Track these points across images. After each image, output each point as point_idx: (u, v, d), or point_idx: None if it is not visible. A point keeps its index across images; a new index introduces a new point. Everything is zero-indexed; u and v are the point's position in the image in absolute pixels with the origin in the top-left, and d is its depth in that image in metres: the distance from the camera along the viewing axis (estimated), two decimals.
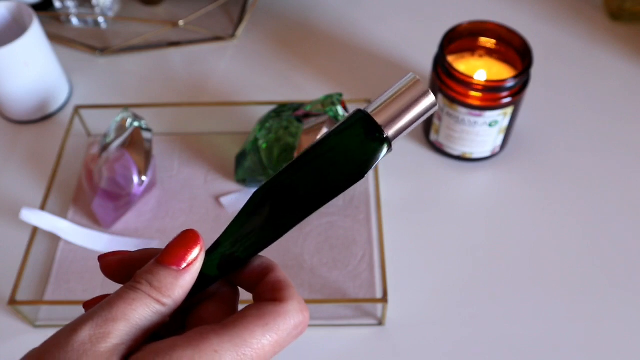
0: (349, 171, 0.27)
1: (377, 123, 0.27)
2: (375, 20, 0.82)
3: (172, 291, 0.25)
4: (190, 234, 0.26)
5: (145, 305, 0.24)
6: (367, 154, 0.27)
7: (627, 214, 0.61)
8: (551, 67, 0.74)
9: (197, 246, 0.26)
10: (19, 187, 0.65)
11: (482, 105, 0.58)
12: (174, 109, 0.68)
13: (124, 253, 0.28)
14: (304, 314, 0.26)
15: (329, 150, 0.27)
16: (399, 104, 0.27)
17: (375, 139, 0.27)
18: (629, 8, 0.78)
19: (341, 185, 0.27)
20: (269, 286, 0.26)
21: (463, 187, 0.64)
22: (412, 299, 0.55)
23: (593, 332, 0.53)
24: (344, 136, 0.27)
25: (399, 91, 0.27)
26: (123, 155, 0.60)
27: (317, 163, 0.27)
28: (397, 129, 0.27)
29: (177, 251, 0.26)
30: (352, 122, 0.27)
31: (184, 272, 0.25)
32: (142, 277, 0.25)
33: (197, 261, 0.26)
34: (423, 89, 0.27)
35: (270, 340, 0.24)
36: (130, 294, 0.24)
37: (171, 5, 0.84)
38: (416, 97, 0.27)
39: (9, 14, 0.69)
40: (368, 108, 0.28)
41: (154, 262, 0.25)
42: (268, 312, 0.25)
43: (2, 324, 0.55)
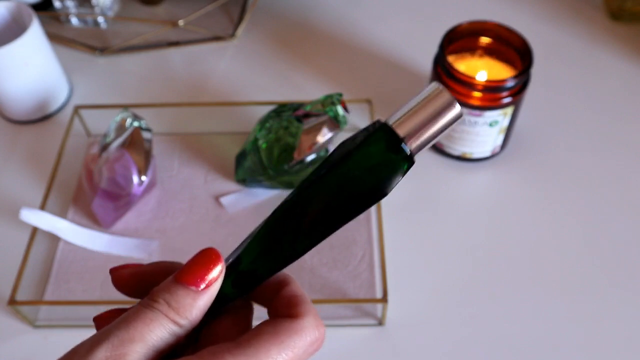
0: (371, 188, 0.25)
1: (398, 135, 0.25)
2: (375, 20, 0.81)
3: (190, 312, 0.24)
4: (211, 252, 0.25)
5: (162, 326, 0.24)
6: (388, 171, 0.25)
7: (627, 213, 0.61)
8: (551, 67, 0.74)
9: (218, 266, 0.25)
10: (19, 187, 0.65)
11: (482, 105, 0.58)
12: (174, 109, 0.68)
13: (135, 266, 0.27)
14: (319, 329, 0.25)
15: (348, 167, 0.25)
16: (423, 115, 0.26)
17: (398, 154, 0.25)
18: (629, 8, 0.78)
19: (362, 205, 0.26)
20: (284, 301, 0.26)
21: (463, 187, 0.64)
22: (412, 299, 0.55)
23: (593, 332, 0.53)
24: (363, 150, 0.25)
25: (423, 101, 0.26)
26: (123, 155, 0.60)
27: (337, 182, 0.25)
28: (420, 142, 0.26)
29: (197, 270, 0.25)
30: (372, 134, 0.26)
31: (202, 293, 0.24)
32: (159, 295, 0.24)
33: (217, 282, 0.25)
34: (449, 99, 0.25)
35: (285, 358, 0.24)
36: (147, 314, 0.24)
37: (171, 5, 0.84)
38: (441, 107, 0.25)
39: (8, 14, 0.69)
40: (389, 119, 0.26)
41: (172, 280, 0.25)
42: (283, 329, 0.24)
43: (2, 324, 0.55)
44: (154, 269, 0.27)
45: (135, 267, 0.27)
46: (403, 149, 0.25)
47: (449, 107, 0.25)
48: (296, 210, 0.26)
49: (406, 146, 0.25)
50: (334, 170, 0.26)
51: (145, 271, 0.27)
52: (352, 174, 0.25)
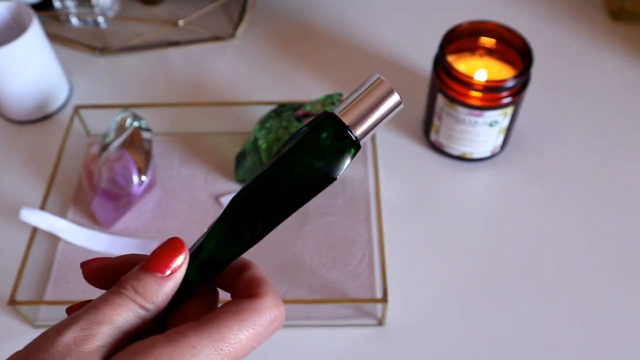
0: (321, 174, 0.28)
1: (344, 123, 0.28)
2: (375, 20, 0.81)
3: (156, 297, 0.26)
4: (175, 241, 0.27)
5: (129, 310, 0.25)
6: (337, 155, 0.28)
7: (627, 213, 0.61)
8: (551, 67, 0.74)
9: (182, 254, 0.27)
10: (19, 187, 0.65)
11: (482, 105, 0.58)
12: (174, 109, 0.68)
13: (105, 259, 0.28)
14: (279, 309, 0.26)
15: (299, 153, 0.28)
16: (365, 104, 0.28)
17: (344, 139, 0.28)
18: (629, 8, 0.78)
19: (315, 187, 0.28)
20: (245, 283, 0.27)
21: (463, 187, 0.64)
22: (412, 299, 0.55)
23: (594, 332, 0.53)
24: (312, 138, 0.28)
25: (365, 92, 0.28)
26: (123, 155, 0.60)
27: (290, 166, 0.27)
28: (364, 129, 0.28)
29: (162, 258, 0.26)
30: (320, 123, 0.28)
31: (167, 279, 0.26)
32: (127, 282, 0.26)
33: (181, 268, 0.27)
34: (388, 88, 0.28)
35: (247, 335, 0.25)
36: (115, 299, 0.25)
37: (171, 5, 0.84)
38: (381, 96, 0.28)
39: (8, 13, 0.69)
40: (335, 110, 0.28)
41: (139, 268, 0.26)
42: (244, 307, 0.26)
43: (2, 324, 0.55)
44: (123, 261, 0.28)
45: (104, 260, 0.28)
46: (349, 135, 0.28)
47: (388, 96, 0.28)
48: (252, 197, 0.28)
49: (352, 133, 0.28)
50: (287, 157, 0.28)
51: (114, 263, 0.28)
52: (303, 160, 0.27)
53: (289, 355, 0.53)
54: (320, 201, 0.62)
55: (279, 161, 0.28)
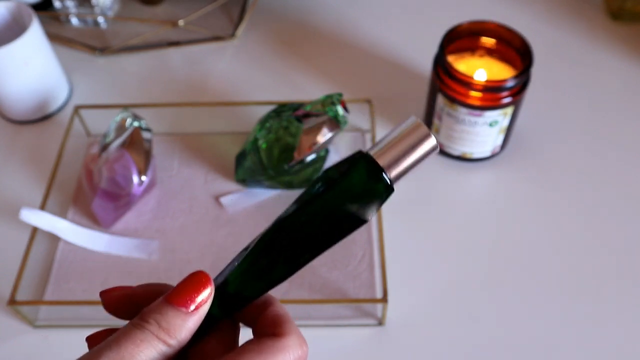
0: (354, 216, 0.27)
1: (379, 165, 0.27)
2: (376, 20, 0.81)
3: (179, 333, 0.25)
4: (201, 275, 0.26)
5: (152, 346, 0.24)
6: (370, 198, 0.27)
7: (627, 213, 0.61)
8: (551, 67, 0.74)
9: (207, 288, 0.26)
10: (19, 187, 0.65)
11: (482, 105, 0.58)
12: (174, 109, 0.68)
13: (126, 289, 0.28)
14: (303, 348, 0.26)
15: (333, 194, 0.27)
16: (401, 146, 0.27)
17: (378, 182, 0.27)
18: (629, 8, 0.78)
19: (346, 229, 0.28)
20: (268, 320, 0.27)
21: (463, 187, 0.64)
22: (412, 299, 0.55)
23: (595, 331, 0.53)
24: (347, 179, 0.27)
25: (402, 134, 0.28)
26: (123, 155, 0.60)
27: (323, 207, 0.27)
28: (399, 172, 0.28)
29: (187, 292, 0.25)
30: (355, 164, 0.27)
31: (192, 314, 0.25)
32: (150, 316, 0.25)
33: (206, 303, 0.26)
34: (425, 132, 0.27)
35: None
36: (138, 334, 0.24)
37: (171, 5, 0.84)
38: (418, 140, 0.27)
39: (8, 13, 0.69)
40: (370, 150, 0.28)
41: (163, 301, 0.25)
42: (267, 347, 0.25)
43: (2, 324, 0.55)
44: (144, 291, 0.28)
45: (125, 290, 0.28)
46: (383, 178, 0.27)
47: (425, 139, 0.28)
48: (282, 236, 0.27)
49: (386, 175, 0.27)
50: (319, 198, 0.27)
51: (135, 293, 0.28)
52: (335, 202, 0.27)
53: None
54: None
55: (312, 200, 0.27)
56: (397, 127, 0.28)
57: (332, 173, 0.28)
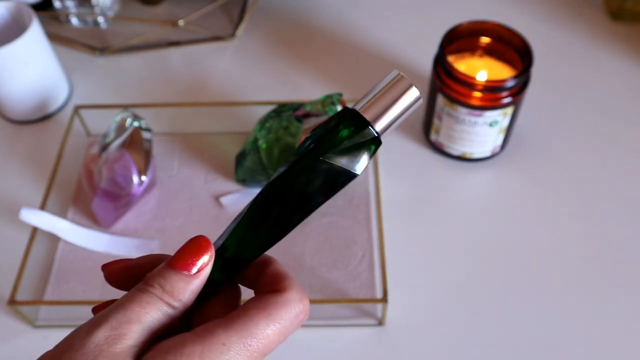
0: (344, 170, 0.28)
1: (366, 119, 0.28)
2: (375, 20, 0.81)
3: (183, 295, 0.26)
4: (201, 239, 0.27)
5: (157, 308, 0.25)
6: (359, 152, 0.28)
7: (627, 213, 0.61)
8: (551, 67, 0.74)
9: (208, 252, 0.26)
10: (19, 187, 0.65)
11: (482, 105, 0.58)
12: (174, 109, 0.68)
13: (126, 261, 0.28)
14: (304, 302, 0.27)
15: (322, 150, 0.28)
16: (385, 99, 0.28)
17: (366, 135, 0.28)
18: (629, 8, 0.78)
19: (337, 184, 0.28)
20: (268, 278, 0.27)
21: (463, 187, 0.64)
22: (412, 299, 0.55)
23: (595, 332, 0.53)
24: (334, 134, 0.28)
25: (384, 88, 0.29)
26: (123, 155, 0.60)
27: (313, 163, 0.28)
28: (385, 124, 0.28)
29: (189, 256, 0.26)
30: (342, 120, 0.28)
31: (194, 277, 0.26)
32: (154, 280, 0.26)
33: (208, 267, 0.26)
34: (407, 84, 0.28)
35: (274, 330, 0.25)
36: (143, 297, 0.25)
37: (171, 5, 0.84)
38: (401, 92, 0.28)
39: (8, 14, 0.69)
40: (356, 106, 0.29)
41: (165, 266, 0.26)
42: (270, 302, 0.26)
43: (2, 324, 0.55)
44: (144, 262, 0.28)
45: (126, 262, 0.28)
46: (371, 131, 0.28)
47: (407, 91, 0.29)
48: (274, 196, 0.28)
49: (373, 128, 0.28)
50: (310, 154, 0.28)
51: (136, 264, 0.28)
52: (326, 157, 0.28)
53: (289, 355, 0.53)
54: None
55: (301, 158, 0.28)
56: (380, 82, 0.29)
57: (320, 130, 0.29)
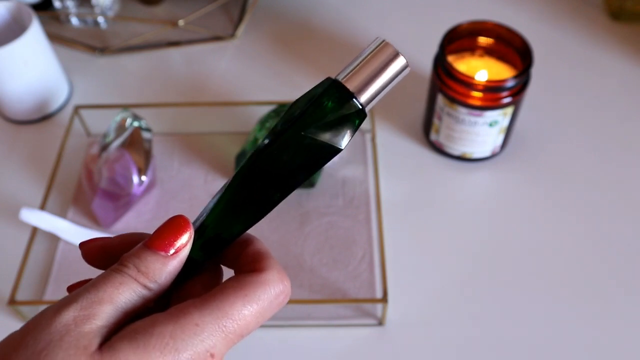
0: (326, 144, 0.26)
1: (349, 90, 0.26)
2: (375, 20, 0.81)
3: (159, 276, 0.25)
4: (180, 219, 0.26)
5: (131, 289, 0.24)
6: (342, 125, 0.26)
7: (627, 213, 0.61)
8: (551, 67, 0.74)
9: (187, 232, 0.25)
10: (19, 187, 0.65)
11: (483, 105, 0.58)
12: (174, 109, 0.68)
13: (105, 239, 0.28)
14: (284, 282, 0.26)
15: (303, 124, 0.26)
16: (370, 68, 0.26)
17: (349, 108, 0.26)
18: (629, 8, 0.78)
19: (320, 159, 0.27)
20: (248, 258, 0.26)
21: (463, 187, 0.64)
22: (412, 299, 0.55)
23: (595, 332, 0.53)
24: (316, 107, 0.26)
25: (369, 56, 0.26)
26: (123, 155, 0.60)
27: (294, 138, 0.26)
28: (370, 95, 0.26)
29: (166, 236, 0.25)
30: (324, 91, 0.26)
31: (171, 258, 0.25)
32: (129, 260, 0.25)
33: (186, 247, 0.26)
34: (393, 51, 0.26)
35: (251, 311, 0.24)
36: (117, 277, 0.24)
37: (171, 5, 0.84)
38: (387, 60, 0.26)
39: (8, 14, 0.69)
40: (339, 76, 0.27)
41: (142, 246, 0.25)
42: (247, 282, 0.25)
43: (2, 324, 0.55)
44: (124, 240, 0.27)
45: (104, 240, 0.27)
46: (354, 103, 0.26)
47: (394, 59, 0.26)
48: (256, 171, 0.27)
49: (357, 100, 0.26)
50: (290, 129, 0.26)
51: (115, 243, 0.27)
52: (307, 131, 0.26)
53: (289, 355, 0.53)
54: (320, 201, 0.62)
55: (282, 133, 0.26)
56: (364, 50, 0.27)
57: (302, 103, 0.27)
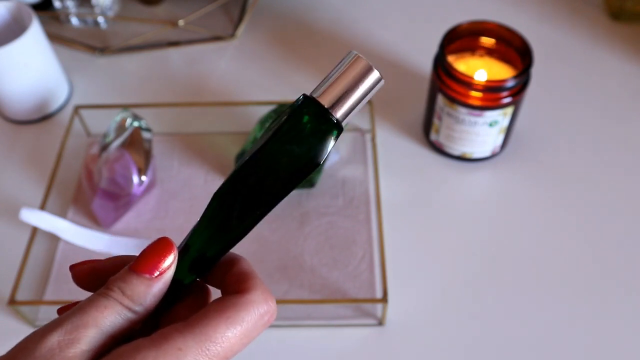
0: (304, 160, 0.26)
1: (324, 106, 0.26)
2: (376, 20, 0.81)
3: (144, 299, 0.25)
4: (164, 242, 0.26)
5: (116, 312, 0.24)
6: (319, 140, 0.26)
7: (627, 213, 0.61)
8: (551, 67, 0.74)
9: (171, 254, 0.26)
10: (19, 187, 0.65)
11: (482, 105, 0.58)
12: (174, 109, 0.68)
13: (94, 262, 0.28)
14: (269, 303, 0.26)
15: (280, 140, 0.26)
16: (343, 83, 0.27)
17: (325, 123, 0.26)
18: (629, 8, 0.78)
19: (299, 174, 0.27)
20: (233, 278, 0.27)
21: (463, 187, 0.64)
22: (412, 299, 0.55)
23: (595, 332, 0.53)
24: (292, 124, 0.26)
25: (342, 71, 0.27)
26: (123, 155, 0.60)
27: (272, 155, 0.26)
28: (345, 110, 0.27)
29: (150, 259, 0.26)
30: (299, 108, 0.27)
31: (156, 280, 0.25)
32: (114, 284, 0.25)
33: (170, 269, 0.26)
34: (366, 65, 0.27)
35: (235, 333, 0.24)
36: (102, 301, 0.24)
37: (171, 5, 0.84)
38: (360, 74, 0.27)
39: (8, 14, 0.69)
40: (314, 92, 0.27)
41: (127, 269, 0.26)
42: (231, 304, 0.25)
43: (2, 324, 0.55)
44: (113, 263, 0.28)
45: (93, 263, 0.28)
46: (330, 118, 0.27)
47: (367, 73, 0.27)
48: (236, 189, 0.27)
49: (332, 115, 0.27)
50: (268, 145, 0.26)
51: (105, 266, 0.28)
52: (285, 148, 0.26)
53: (289, 355, 0.53)
54: (320, 201, 0.62)
55: (260, 150, 0.26)
56: (338, 65, 0.27)
57: (279, 121, 0.27)
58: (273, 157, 0.26)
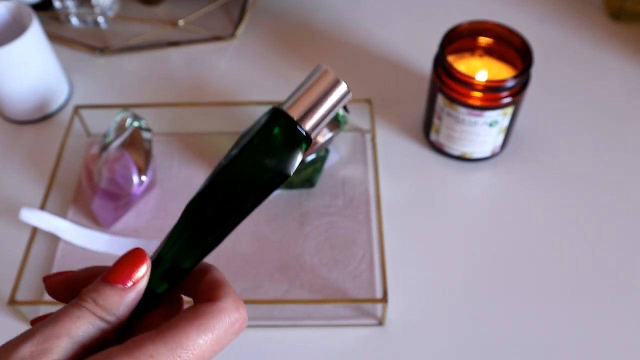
0: (274, 171, 0.27)
1: (293, 119, 0.27)
2: (376, 20, 0.82)
3: (117, 309, 0.25)
4: (137, 252, 0.26)
5: (88, 322, 0.25)
6: (288, 152, 0.27)
7: (627, 213, 0.61)
8: (551, 67, 0.74)
9: (144, 264, 0.26)
10: (19, 187, 0.65)
11: (483, 105, 0.58)
12: (174, 109, 0.68)
13: (68, 273, 0.28)
14: (240, 310, 0.26)
15: (250, 152, 0.27)
16: (312, 97, 0.27)
17: (294, 135, 0.27)
18: (629, 8, 0.78)
19: (269, 186, 0.27)
20: (205, 287, 0.27)
21: (463, 187, 0.64)
22: (412, 299, 0.55)
23: (595, 332, 0.53)
24: (262, 136, 0.27)
25: (311, 84, 0.27)
26: (123, 155, 0.60)
27: (242, 167, 0.27)
28: (313, 122, 0.28)
29: (123, 269, 0.26)
30: (268, 120, 0.27)
31: (129, 290, 0.26)
32: (87, 294, 0.25)
33: (143, 279, 0.26)
34: (333, 79, 0.27)
35: (206, 340, 0.25)
36: (75, 312, 0.25)
37: (171, 5, 0.84)
38: (328, 87, 0.27)
39: (8, 14, 0.69)
40: (283, 105, 0.28)
41: (100, 280, 0.26)
42: (202, 312, 0.25)
43: (2, 324, 0.55)
44: (87, 274, 0.28)
45: (68, 274, 0.28)
46: (299, 131, 0.27)
47: (335, 86, 0.27)
48: (206, 201, 0.27)
49: (301, 127, 0.27)
50: (238, 157, 0.27)
51: (79, 277, 0.28)
52: (255, 160, 0.27)
53: (289, 355, 0.53)
54: (320, 201, 0.62)
55: (230, 162, 0.27)
56: (307, 78, 0.28)
57: (248, 133, 0.28)
58: (244, 168, 0.27)
